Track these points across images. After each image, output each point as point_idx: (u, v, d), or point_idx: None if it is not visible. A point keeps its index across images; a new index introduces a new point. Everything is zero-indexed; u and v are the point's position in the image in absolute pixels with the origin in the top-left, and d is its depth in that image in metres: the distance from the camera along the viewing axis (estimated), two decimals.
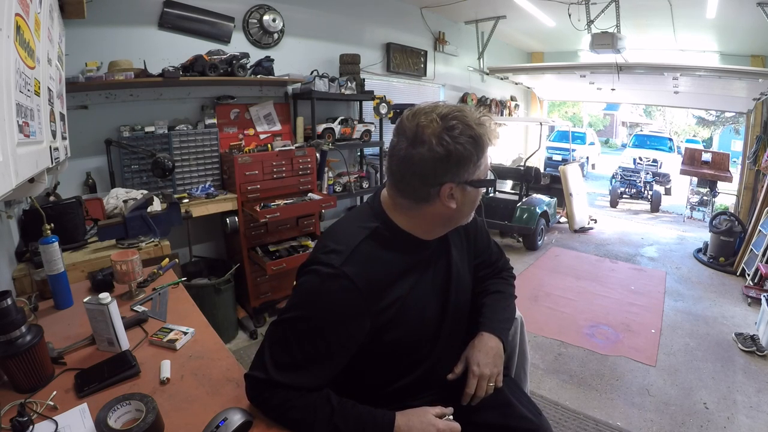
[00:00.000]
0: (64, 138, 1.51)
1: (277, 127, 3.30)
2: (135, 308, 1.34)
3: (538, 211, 4.71)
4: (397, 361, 0.94)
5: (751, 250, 3.97)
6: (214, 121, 2.90)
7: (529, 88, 7.24)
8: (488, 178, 0.86)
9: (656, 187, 7.67)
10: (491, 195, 5.39)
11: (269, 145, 2.92)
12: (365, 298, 0.81)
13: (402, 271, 0.88)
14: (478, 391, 0.94)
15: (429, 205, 0.83)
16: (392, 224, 0.87)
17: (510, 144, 6.76)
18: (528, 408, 1.02)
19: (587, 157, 11.76)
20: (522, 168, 5.11)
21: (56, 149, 1.21)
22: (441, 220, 0.87)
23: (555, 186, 5.50)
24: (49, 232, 1.29)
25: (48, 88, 1.15)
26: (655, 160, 9.02)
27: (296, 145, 3.07)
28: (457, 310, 0.99)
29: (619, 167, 8.65)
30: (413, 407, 0.88)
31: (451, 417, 0.88)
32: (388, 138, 3.17)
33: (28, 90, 0.88)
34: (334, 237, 0.88)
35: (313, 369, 0.81)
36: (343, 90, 3.37)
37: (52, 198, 2.00)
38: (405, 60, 4.48)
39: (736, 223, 4.33)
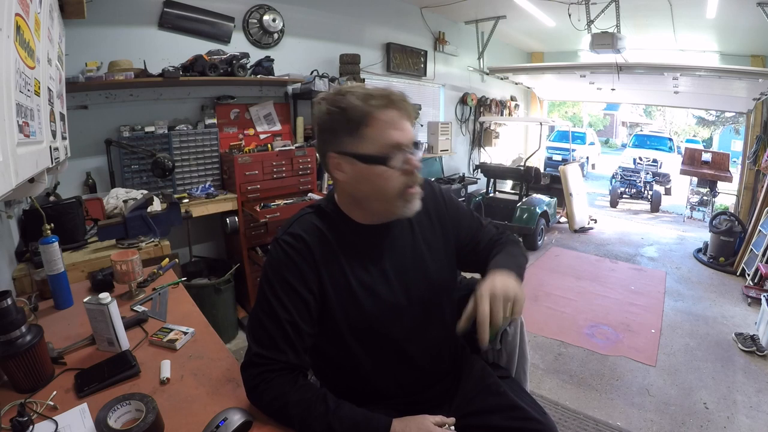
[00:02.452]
0: (64, 138, 1.51)
1: (277, 127, 3.30)
2: (135, 308, 1.34)
3: (538, 211, 4.71)
4: (365, 350, 0.93)
5: (751, 250, 3.97)
6: (214, 121, 2.90)
7: (529, 88, 7.24)
8: (388, 156, 0.83)
9: (656, 187, 7.66)
10: (491, 195, 5.39)
11: (269, 145, 2.92)
12: (302, 255, 0.87)
13: (342, 249, 0.90)
14: (493, 317, 0.79)
15: (333, 178, 0.91)
16: (333, 202, 0.95)
17: (510, 144, 6.76)
18: (533, 408, 1.00)
19: (587, 157, 11.75)
20: (522, 168, 5.11)
21: (56, 149, 1.21)
22: (350, 197, 0.92)
23: (555, 186, 5.50)
24: (49, 232, 1.29)
25: (48, 88, 1.15)
26: (655, 160, 9.02)
27: (296, 145, 3.07)
28: (426, 303, 0.96)
29: (619, 167, 8.64)
30: (404, 412, 0.86)
31: (453, 428, 0.85)
32: None
33: (28, 90, 0.88)
34: (287, 219, 0.97)
35: (283, 335, 0.84)
36: None
37: (52, 198, 2.00)
38: (405, 60, 4.48)
39: (736, 223, 4.33)
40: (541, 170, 5.89)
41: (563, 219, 5.73)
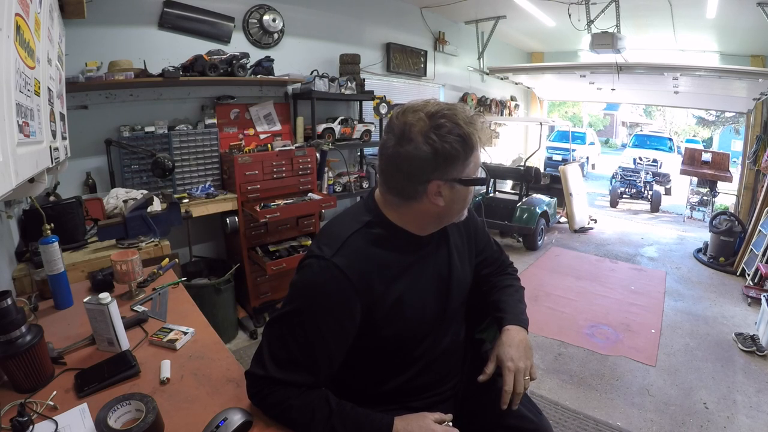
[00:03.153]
0: (64, 138, 1.51)
1: (277, 127, 3.30)
2: (135, 308, 1.34)
3: (538, 211, 4.71)
4: (395, 357, 0.93)
5: (751, 250, 3.97)
6: (214, 121, 2.90)
7: (529, 88, 7.24)
8: (480, 176, 0.85)
9: (656, 187, 7.67)
10: (491, 195, 5.39)
11: (269, 145, 2.92)
12: (356, 288, 0.81)
13: (396, 265, 0.88)
14: (516, 387, 0.89)
15: (417, 203, 0.83)
16: (384, 219, 0.88)
17: (510, 144, 6.76)
18: (528, 407, 1.02)
19: (587, 157, 11.76)
20: (522, 168, 5.11)
21: (56, 149, 1.21)
22: (430, 217, 0.87)
23: (555, 186, 5.50)
24: (49, 232, 1.29)
25: (48, 88, 1.15)
26: (655, 160, 9.02)
27: (296, 145, 3.07)
28: (455, 308, 0.99)
29: (619, 167, 8.65)
30: (414, 407, 0.87)
31: (450, 423, 0.87)
32: None
33: (28, 90, 0.88)
34: (327, 233, 0.89)
35: (310, 364, 0.81)
36: (343, 90, 3.37)
37: (52, 198, 2.00)
38: (405, 60, 4.48)
39: (736, 223, 4.33)
40: (541, 170, 5.89)
41: (563, 219, 5.73)
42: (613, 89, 5.98)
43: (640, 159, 8.95)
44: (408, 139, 0.78)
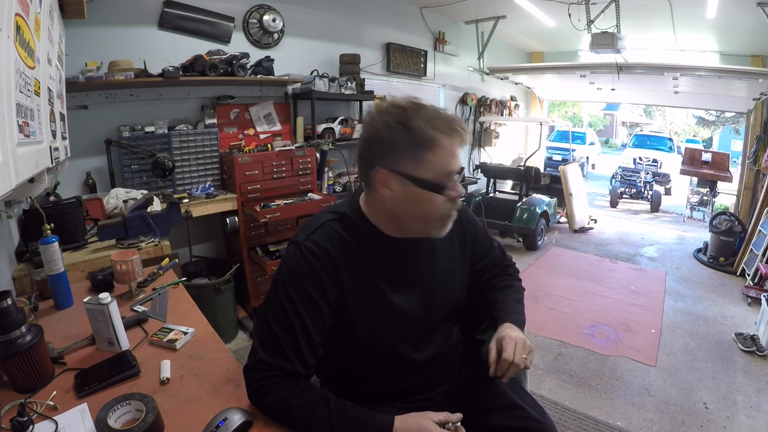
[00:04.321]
0: (64, 138, 1.51)
1: (277, 127, 3.30)
2: (135, 308, 1.34)
3: (538, 211, 4.71)
4: (375, 361, 0.94)
5: (751, 250, 3.97)
6: (214, 121, 2.90)
7: (529, 88, 7.24)
8: (438, 182, 0.81)
9: (656, 187, 7.67)
10: (491, 195, 5.39)
11: (269, 145, 2.92)
12: (323, 264, 0.85)
13: (365, 258, 0.89)
14: (516, 357, 0.90)
15: (373, 191, 0.87)
16: (359, 212, 0.91)
17: (510, 144, 6.76)
18: (533, 407, 1.01)
19: (587, 157, 11.75)
20: (522, 168, 5.11)
21: (56, 149, 1.21)
22: (386, 212, 0.87)
23: (555, 186, 5.50)
24: (49, 232, 1.29)
25: (48, 88, 1.15)
26: (655, 160, 9.02)
27: (296, 145, 3.07)
28: (441, 317, 0.98)
29: (619, 167, 8.65)
30: (402, 410, 0.86)
31: (459, 424, 0.83)
32: None
33: (28, 90, 0.88)
34: (307, 222, 0.94)
35: (293, 344, 0.83)
36: (343, 90, 3.37)
37: (52, 198, 2.00)
38: (405, 60, 4.48)
39: (736, 223, 4.33)
40: (541, 170, 5.89)
41: (563, 219, 5.73)
42: (613, 89, 5.98)
43: (640, 159, 8.95)
44: (364, 122, 0.87)
